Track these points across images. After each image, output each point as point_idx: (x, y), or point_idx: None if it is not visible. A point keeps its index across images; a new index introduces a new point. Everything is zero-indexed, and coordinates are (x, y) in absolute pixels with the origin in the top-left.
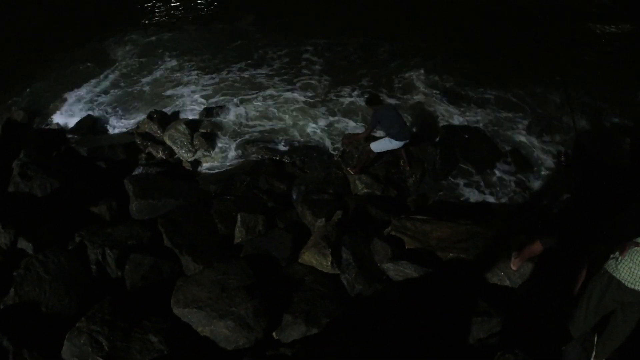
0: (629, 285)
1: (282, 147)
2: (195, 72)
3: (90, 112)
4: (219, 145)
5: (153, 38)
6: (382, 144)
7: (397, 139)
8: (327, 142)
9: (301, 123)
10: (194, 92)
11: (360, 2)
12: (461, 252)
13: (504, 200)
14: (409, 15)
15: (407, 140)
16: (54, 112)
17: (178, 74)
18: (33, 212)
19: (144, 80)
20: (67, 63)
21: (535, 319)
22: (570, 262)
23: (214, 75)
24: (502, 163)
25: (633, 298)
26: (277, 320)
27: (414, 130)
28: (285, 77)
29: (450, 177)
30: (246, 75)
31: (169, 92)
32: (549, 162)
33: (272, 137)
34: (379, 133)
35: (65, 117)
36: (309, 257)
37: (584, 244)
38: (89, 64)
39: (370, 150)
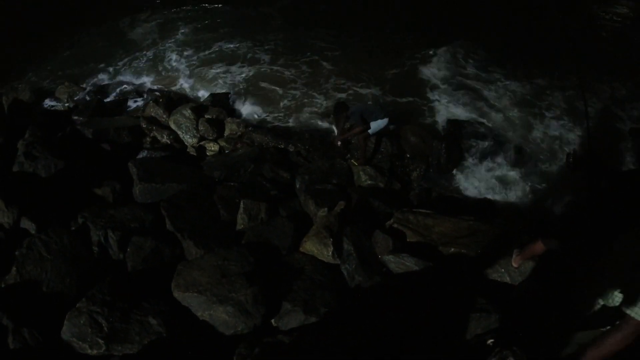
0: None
1: (287, 136)
2: (206, 56)
3: (97, 94)
4: (224, 131)
5: (167, 20)
6: (374, 125)
7: (384, 117)
8: (334, 133)
9: (308, 112)
10: (202, 77)
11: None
12: (462, 247)
13: (508, 198)
14: (422, 7)
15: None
16: (60, 93)
17: (188, 59)
18: (37, 192)
19: (152, 63)
20: (76, 44)
21: (533, 317)
22: (571, 263)
23: (225, 61)
24: (508, 160)
25: None
26: (276, 307)
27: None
28: (298, 67)
29: (454, 172)
30: (258, 63)
31: (177, 77)
32: (557, 162)
33: (279, 126)
34: None
35: (72, 98)
36: (310, 246)
37: (586, 247)
38: (98, 45)
39: (367, 135)
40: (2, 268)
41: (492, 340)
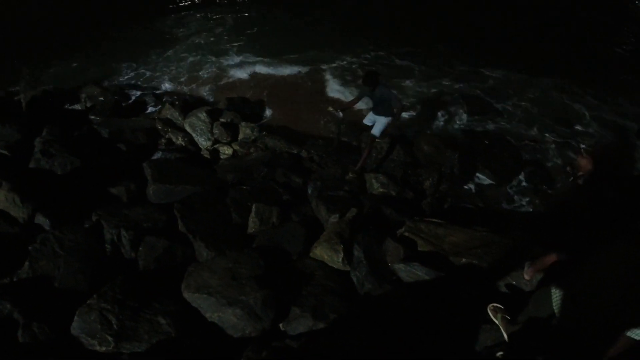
0: None
1: (301, 142)
2: (225, 61)
3: (115, 95)
4: (238, 135)
5: (193, 24)
6: (380, 126)
7: (389, 115)
8: (348, 139)
9: (322, 120)
10: (218, 81)
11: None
12: (474, 258)
13: (521, 209)
14: (437, 21)
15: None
16: (78, 92)
17: (208, 63)
18: (52, 189)
19: (171, 65)
20: (97, 45)
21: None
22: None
23: (243, 66)
24: (522, 172)
25: None
26: (285, 312)
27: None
28: (317, 74)
29: (467, 183)
30: (276, 69)
31: (194, 80)
32: (571, 174)
33: (293, 131)
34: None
35: (90, 98)
36: (321, 252)
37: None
38: (120, 46)
39: (374, 138)
40: (15, 262)
41: (501, 353)
